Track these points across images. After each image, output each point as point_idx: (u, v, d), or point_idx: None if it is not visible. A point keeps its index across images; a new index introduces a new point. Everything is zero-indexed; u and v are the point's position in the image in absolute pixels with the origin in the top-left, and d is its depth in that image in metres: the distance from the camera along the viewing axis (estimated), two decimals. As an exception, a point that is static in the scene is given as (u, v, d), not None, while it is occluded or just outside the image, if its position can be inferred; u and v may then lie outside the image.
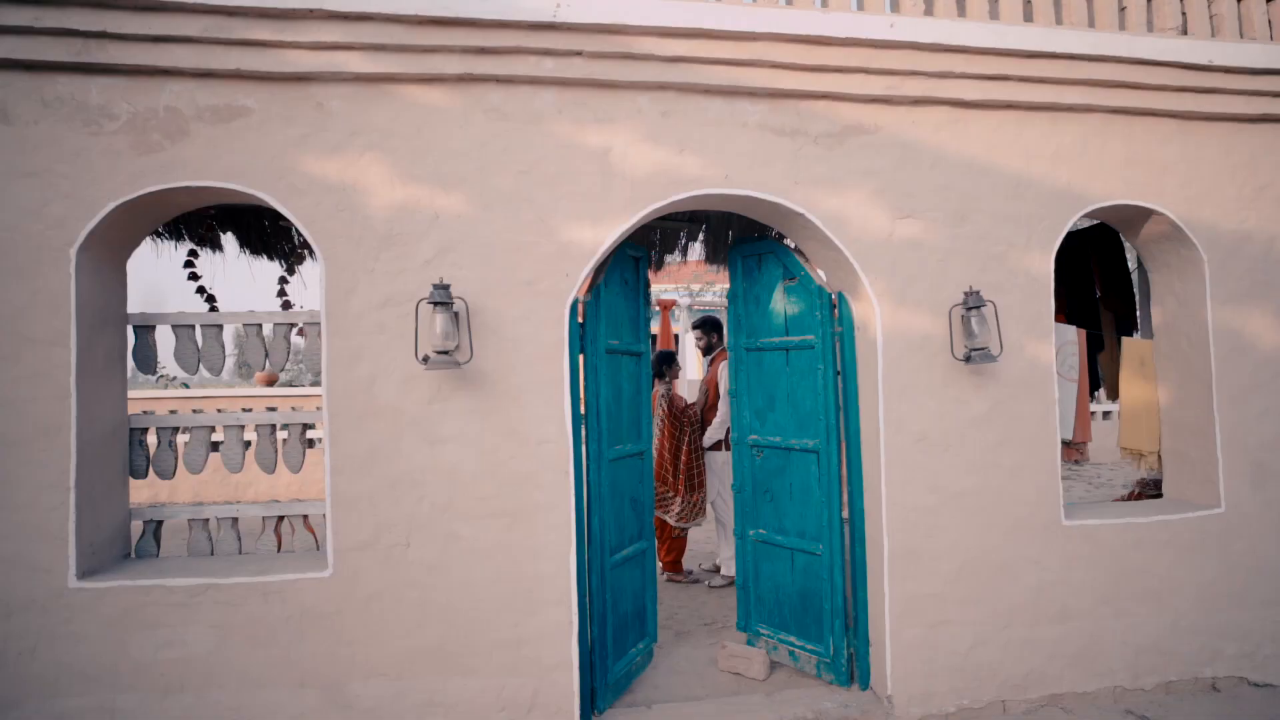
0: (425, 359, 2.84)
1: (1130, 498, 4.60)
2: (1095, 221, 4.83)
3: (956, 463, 3.33)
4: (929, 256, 3.33)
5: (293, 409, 3.24)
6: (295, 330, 3.27)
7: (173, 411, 9.13)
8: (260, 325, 3.17)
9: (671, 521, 5.15)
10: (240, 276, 4.81)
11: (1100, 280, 4.96)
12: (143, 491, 9.04)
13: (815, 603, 3.57)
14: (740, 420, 3.88)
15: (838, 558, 3.48)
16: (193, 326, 3.13)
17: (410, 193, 2.95)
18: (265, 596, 2.81)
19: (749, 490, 3.86)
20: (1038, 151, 3.44)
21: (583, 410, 3.29)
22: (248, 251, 4.87)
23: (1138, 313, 4.95)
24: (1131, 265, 5.22)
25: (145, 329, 3.11)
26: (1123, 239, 5.03)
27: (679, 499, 5.12)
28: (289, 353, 3.20)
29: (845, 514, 3.54)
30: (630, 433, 3.66)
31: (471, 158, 2.99)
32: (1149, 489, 4.55)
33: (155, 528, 3.09)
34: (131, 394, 9.74)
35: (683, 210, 3.45)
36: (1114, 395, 4.96)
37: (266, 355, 3.17)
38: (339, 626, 2.86)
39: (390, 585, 2.90)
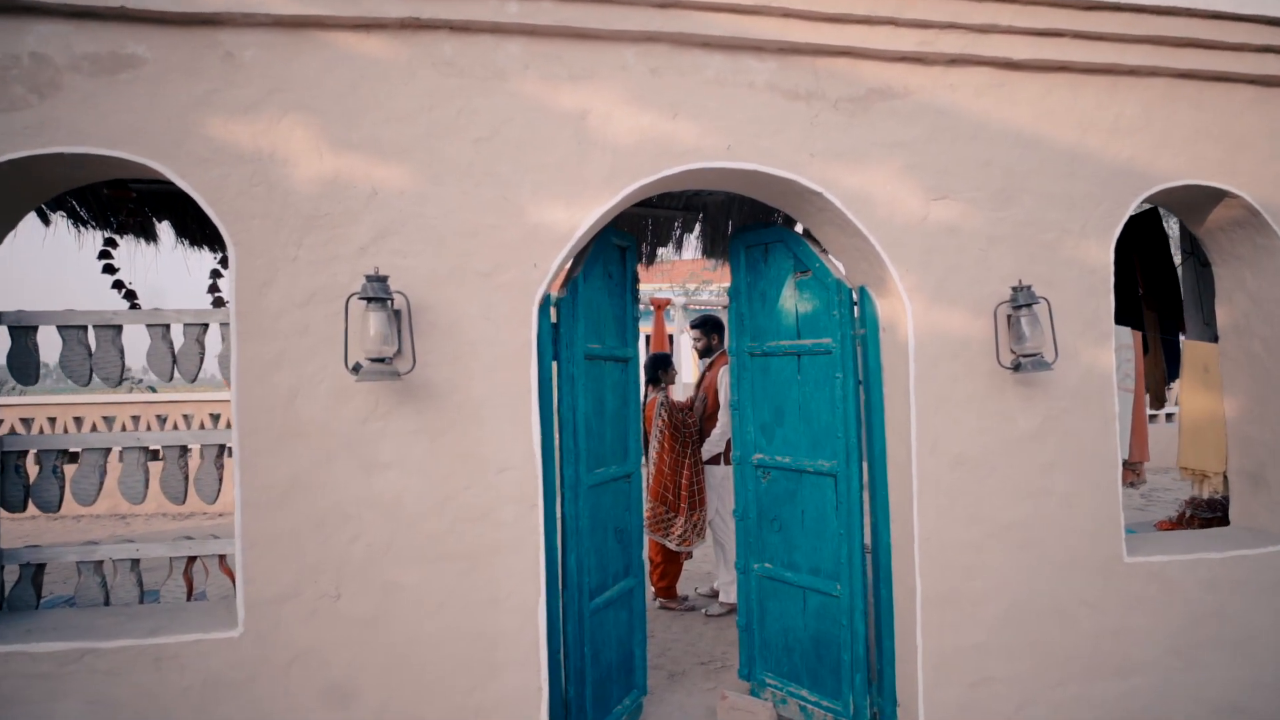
0: (356, 367, 2.30)
1: (1180, 521, 4.09)
2: (1139, 209, 4.32)
3: (1001, 489, 2.81)
4: (969, 245, 2.81)
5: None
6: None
7: (135, 418, 8.41)
8: (167, 326, 2.63)
9: (673, 545, 4.61)
10: (178, 271, 4.25)
11: (1142, 276, 4.45)
12: (102, 502, 8.46)
13: (831, 651, 3.04)
14: (743, 436, 3.35)
15: (859, 600, 2.95)
16: (84, 328, 2.58)
17: (342, 164, 2.41)
18: (158, 663, 2.27)
19: (753, 518, 3.33)
20: (1094, 122, 2.91)
21: (557, 428, 2.76)
22: (185, 242, 4.32)
23: (1184, 312, 4.44)
24: (1176, 259, 4.71)
25: (24, 330, 2.56)
26: (1165, 229, 4.53)
27: (681, 519, 4.59)
28: (202, 359, 2.66)
29: (867, 544, 3.01)
30: (615, 452, 3.12)
31: (418, 121, 2.45)
32: (1201, 511, 4.03)
33: (34, 572, 2.54)
34: (86, 399, 9.15)
35: (676, 190, 2.93)
36: (1158, 403, 4.46)
37: (174, 362, 2.62)
38: (251, 698, 2.31)
39: (316, 645, 2.36)
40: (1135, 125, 2.94)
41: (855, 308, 2.97)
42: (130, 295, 3.84)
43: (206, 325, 2.63)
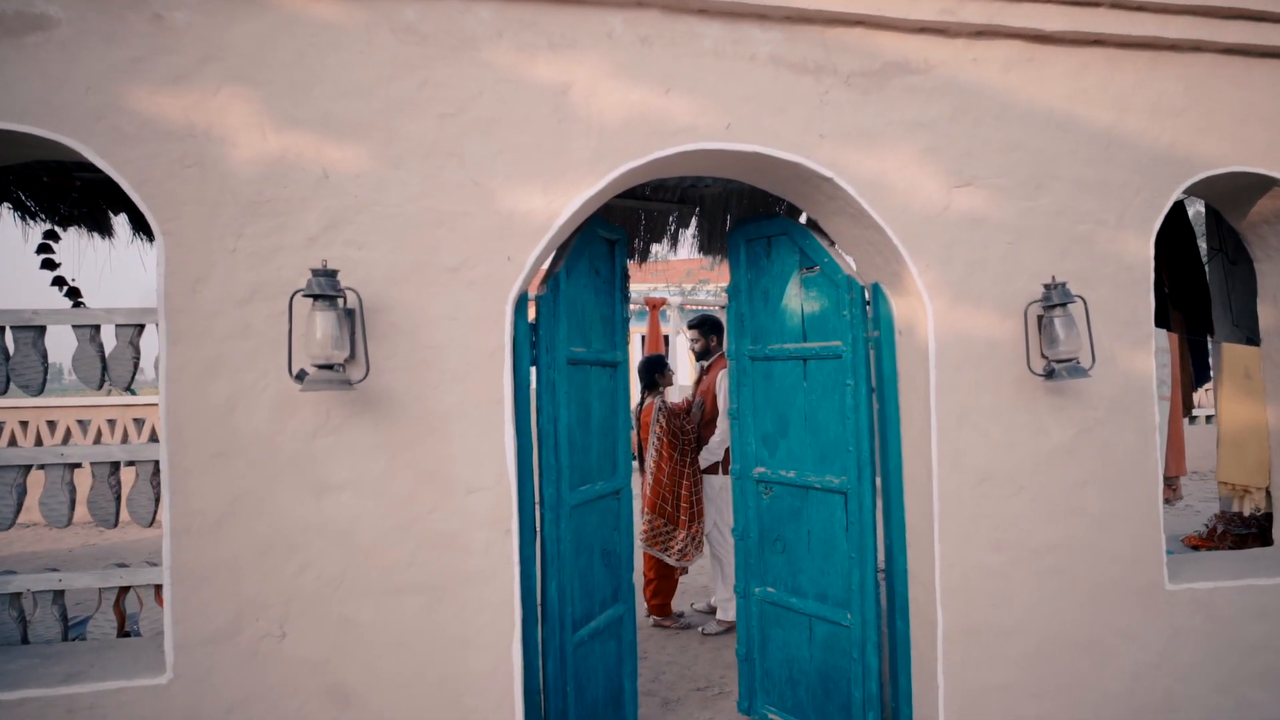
0: (300, 375, 2.01)
1: (1210, 537, 3.82)
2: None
3: (1031, 510, 2.52)
4: (995, 237, 2.52)
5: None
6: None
7: (111, 421, 8.05)
8: (97, 327, 2.33)
9: (672, 561, 4.32)
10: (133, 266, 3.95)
11: (1168, 274, 4.17)
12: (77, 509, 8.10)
13: (841, 687, 2.75)
14: (743, 448, 3.06)
15: (872, 631, 2.66)
16: (0, 329, 2.28)
17: (288, 142, 2.11)
18: (70, 715, 1.97)
19: (754, 537, 3.04)
20: (1132, 102, 2.63)
21: (535, 441, 2.47)
22: (143, 236, 4.02)
23: (1213, 313, 4.17)
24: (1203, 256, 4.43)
25: (-70, 332, 2.26)
26: (1192, 225, 4.26)
27: (681, 532, 4.30)
28: (137, 363, 2.36)
29: (881, 569, 2.73)
30: (602, 467, 2.83)
31: (375, 95, 2.16)
32: (1234, 526, 3.76)
33: (-60, 606, 2.24)
34: (58, 403, 8.79)
35: (670, 176, 2.64)
36: (1185, 410, 4.17)
37: (105, 369, 2.33)
38: (181, 754, 2.02)
39: (257, 693, 2.07)
40: (1177, 106, 2.66)
41: (868, 307, 2.68)
42: (74, 293, 3.55)
43: (141, 326, 2.34)
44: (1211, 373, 4.18)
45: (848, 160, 2.43)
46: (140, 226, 4.01)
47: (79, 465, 2.34)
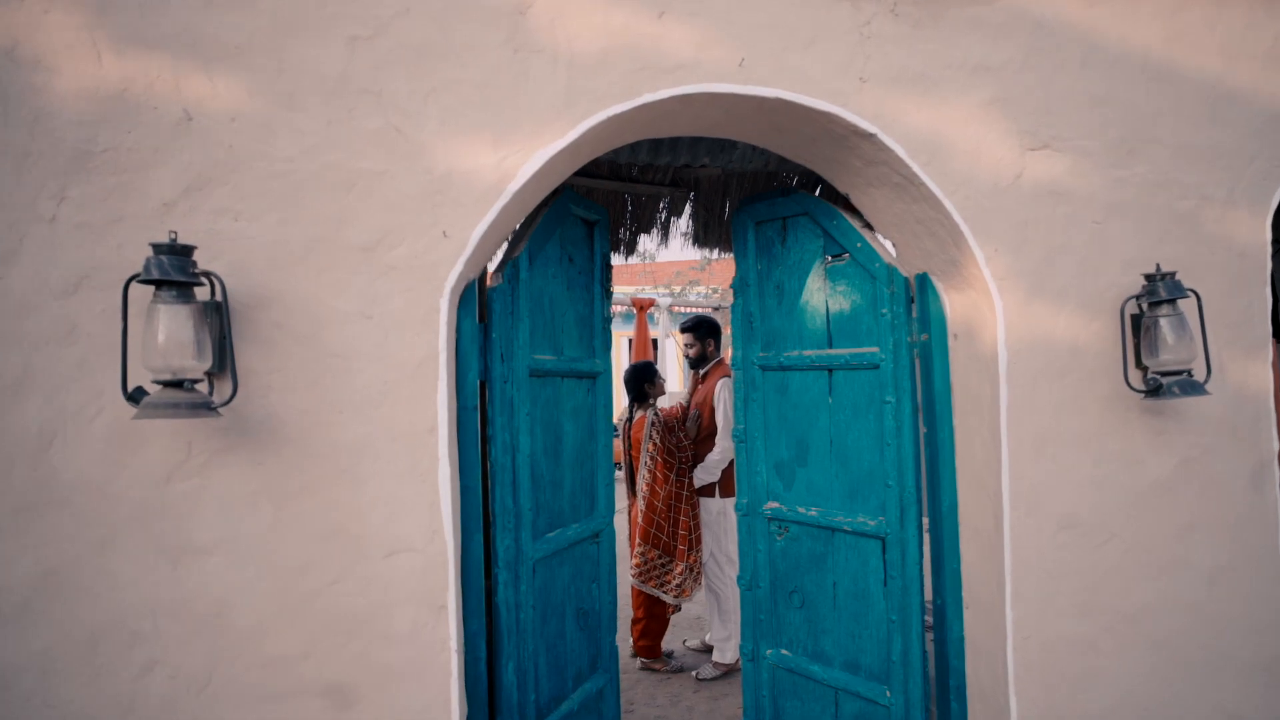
0: (135, 394, 1.41)
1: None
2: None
3: (1124, 563, 1.98)
4: (1080, 215, 1.97)
5: None
6: None
7: None
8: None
9: (670, 598, 3.76)
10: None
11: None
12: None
13: (877, 782, 2.19)
14: (752, 478, 2.49)
15: (918, 714, 2.10)
16: None
17: (135, 70, 1.52)
18: None
19: (765, 588, 2.47)
20: (1244, 47, 2.10)
21: (486, 479, 1.89)
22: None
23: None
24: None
25: None
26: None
27: (680, 565, 3.74)
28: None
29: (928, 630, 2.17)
30: (577, 505, 2.25)
31: (260, 7, 1.57)
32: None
33: None
34: None
35: (664, 135, 2.07)
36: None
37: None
38: None
39: (80, 845, 1.47)
40: (1297, 53, 2.13)
41: (913, 304, 2.13)
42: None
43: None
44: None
45: (895, 112, 1.87)
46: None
47: None
